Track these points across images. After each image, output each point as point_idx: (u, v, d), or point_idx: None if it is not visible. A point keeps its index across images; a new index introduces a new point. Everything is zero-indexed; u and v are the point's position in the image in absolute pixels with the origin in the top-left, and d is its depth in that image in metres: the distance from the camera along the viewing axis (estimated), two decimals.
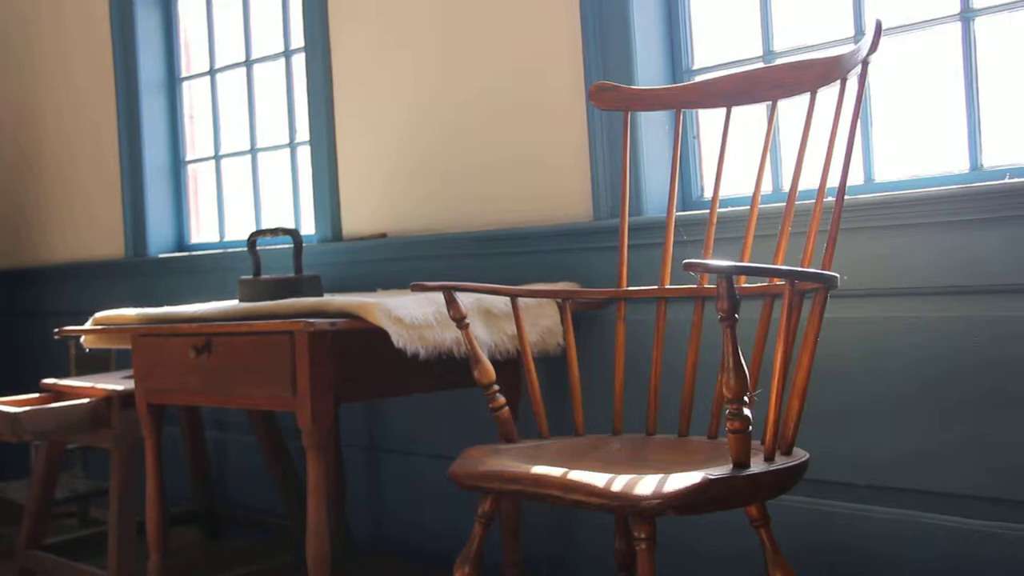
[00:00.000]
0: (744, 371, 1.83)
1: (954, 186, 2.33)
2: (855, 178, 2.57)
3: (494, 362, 2.47)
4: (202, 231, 4.49)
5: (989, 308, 2.29)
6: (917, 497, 2.39)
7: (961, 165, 2.45)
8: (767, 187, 2.76)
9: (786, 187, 2.74)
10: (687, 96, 2.47)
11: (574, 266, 2.94)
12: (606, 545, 2.77)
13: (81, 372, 4.10)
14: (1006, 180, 2.28)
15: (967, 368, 2.31)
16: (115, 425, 3.17)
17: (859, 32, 2.59)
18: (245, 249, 4.03)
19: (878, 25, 2.07)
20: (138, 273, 4.42)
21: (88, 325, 3.06)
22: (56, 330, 3.11)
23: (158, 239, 4.45)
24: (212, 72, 4.37)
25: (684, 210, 2.85)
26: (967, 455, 2.32)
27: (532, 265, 3.03)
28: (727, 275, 1.80)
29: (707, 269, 1.79)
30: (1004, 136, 2.41)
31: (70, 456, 4.14)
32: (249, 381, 2.62)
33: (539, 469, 2.00)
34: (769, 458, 1.95)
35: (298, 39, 3.93)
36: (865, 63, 2.11)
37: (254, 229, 4.18)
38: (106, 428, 3.18)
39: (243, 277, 2.99)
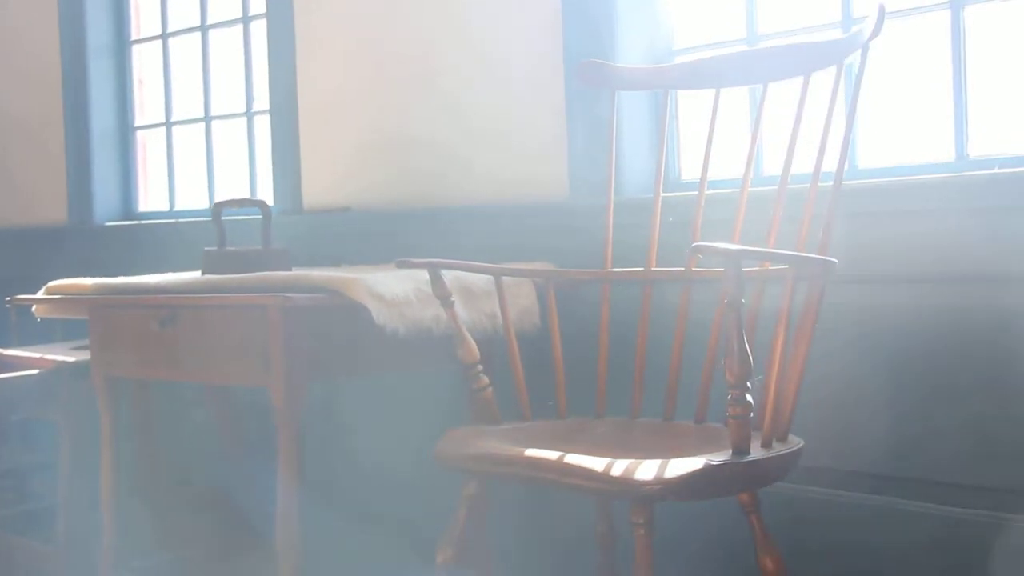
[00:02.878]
0: (748, 357, 1.81)
1: (941, 174, 2.33)
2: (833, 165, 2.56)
3: None
4: (150, 199, 4.37)
5: (973, 296, 2.29)
6: (899, 484, 2.39)
7: (947, 154, 2.45)
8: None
9: (767, 171, 2.73)
10: (676, 76, 2.43)
11: (547, 245, 2.89)
12: (581, 528, 2.74)
13: (24, 342, 3.97)
14: (995, 171, 2.29)
15: (949, 355, 2.32)
16: (65, 397, 3.07)
17: (847, 17, 2.58)
18: (199, 219, 3.94)
19: (881, 9, 2.05)
20: (83, 240, 4.29)
21: (41, 294, 2.96)
22: (8, 298, 2.99)
23: (104, 206, 4.31)
24: (164, 36, 4.24)
25: (664, 191, 2.81)
26: (949, 442, 2.32)
27: (504, 244, 2.97)
28: (736, 259, 1.78)
29: (717, 252, 1.77)
30: (990, 126, 2.41)
31: (8, 428, 4.01)
32: (217, 356, 2.54)
33: (533, 452, 1.96)
34: (767, 444, 1.93)
35: (257, 5, 3.83)
36: (865, 47, 2.09)
37: (206, 198, 4.10)
38: (55, 400, 3.09)
39: (208, 248, 2.89)
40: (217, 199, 4.04)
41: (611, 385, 2.56)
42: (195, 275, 2.93)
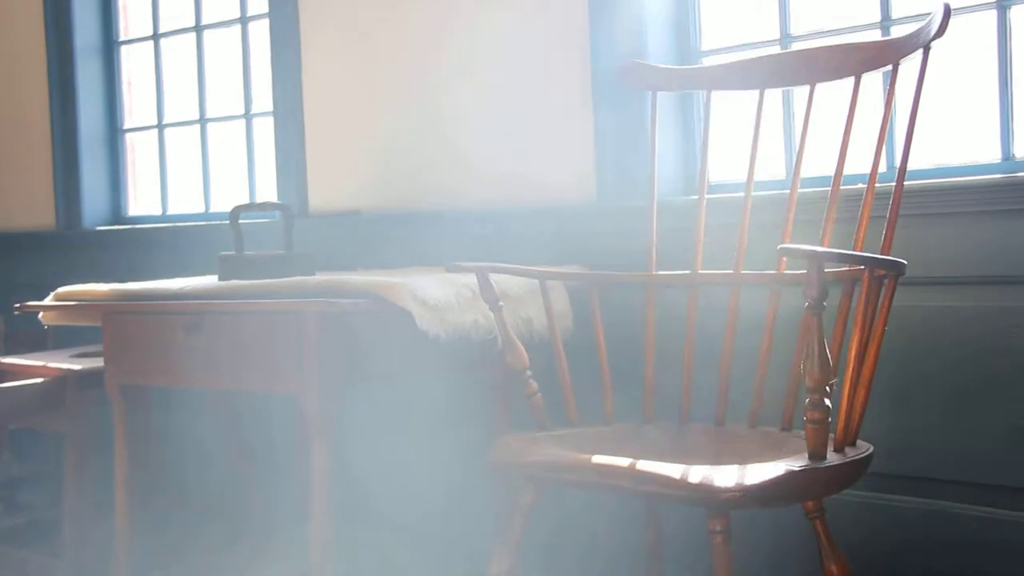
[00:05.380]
0: (829, 361, 1.78)
1: (989, 176, 2.32)
2: (880, 166, 2.54)
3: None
4: (140, 203, 4.27)
5: (1021, 298, 2.28)
6: (950, 487, 2.37)
7: (992, 155, 2.44)
8: (779, 173, 2.73)
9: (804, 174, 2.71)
10: (718, 77, 2.40)
11: (572, 248, 2.85)
12: (621, 535, 2.70)
13: (11, 351, 3.86)
14: None
15: (999, 358, 2.30)
16: (71, 406, 2.98)
17: (886, 17, 2.56)
18: (195, 224, 3.85)
19: (947, 8, 2.02)
20: (72, 246, 4.18)
21: (49, 300, 2.87)
22: (17, 304, 2.89)
23: (93, 210, 4.21)
24: (156, 37, 4.15)
25: (694, 194, 2.78)
26: (1000, 445, 2.31)
27: (524, 247, 2.92)
28: (819, 261, 1.75)
29: (803, 255, 1.73)
30: None
31: (3, 438, 3.90)
32: (246, 363, 2.47)
33: (601, 459, 1.91)
34: (839, 449, 1.90)
35: (256, 5, 3.76)
36: (927, 48, 2.07)
37: (200, 202, 4.01)
38: (59, 409, 2.99)
39: (224, 253, 2.82)
40: (211, 203, 3.97)
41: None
42: (211, 280, 2.86)
